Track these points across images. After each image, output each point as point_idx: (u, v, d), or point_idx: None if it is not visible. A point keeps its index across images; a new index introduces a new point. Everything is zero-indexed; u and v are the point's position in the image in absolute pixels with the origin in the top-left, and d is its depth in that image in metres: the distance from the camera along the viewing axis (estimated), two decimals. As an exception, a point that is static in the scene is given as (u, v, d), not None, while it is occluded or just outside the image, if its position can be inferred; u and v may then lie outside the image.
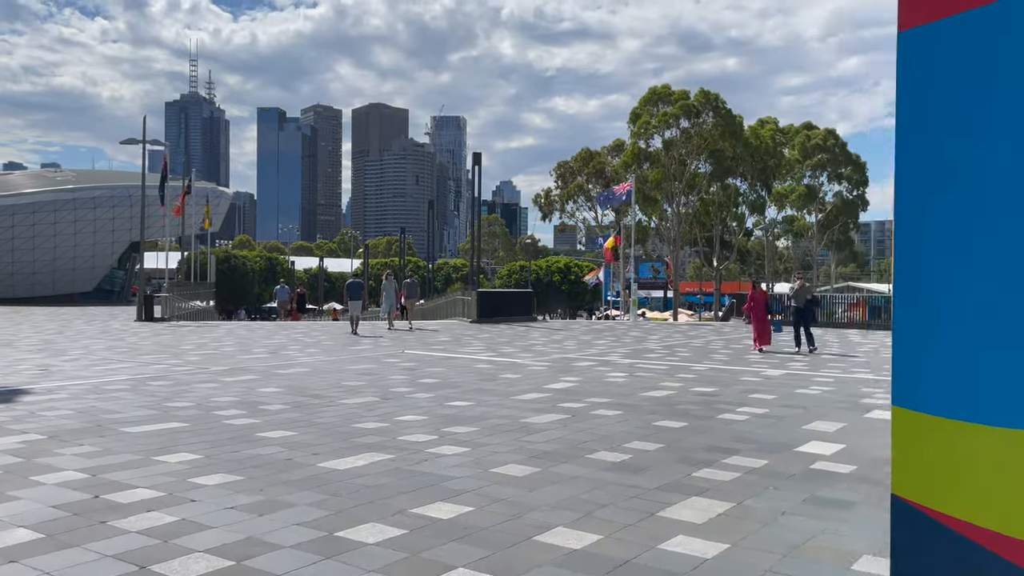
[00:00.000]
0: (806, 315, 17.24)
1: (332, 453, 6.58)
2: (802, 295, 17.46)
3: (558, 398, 9.94)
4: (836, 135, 76.86)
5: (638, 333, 24.19)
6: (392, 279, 24.16)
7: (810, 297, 17.74)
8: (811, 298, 17.80)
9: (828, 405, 9.59)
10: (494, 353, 16.26)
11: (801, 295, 17.46)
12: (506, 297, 29.82)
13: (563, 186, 67.48)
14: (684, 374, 12.85)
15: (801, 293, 17.51)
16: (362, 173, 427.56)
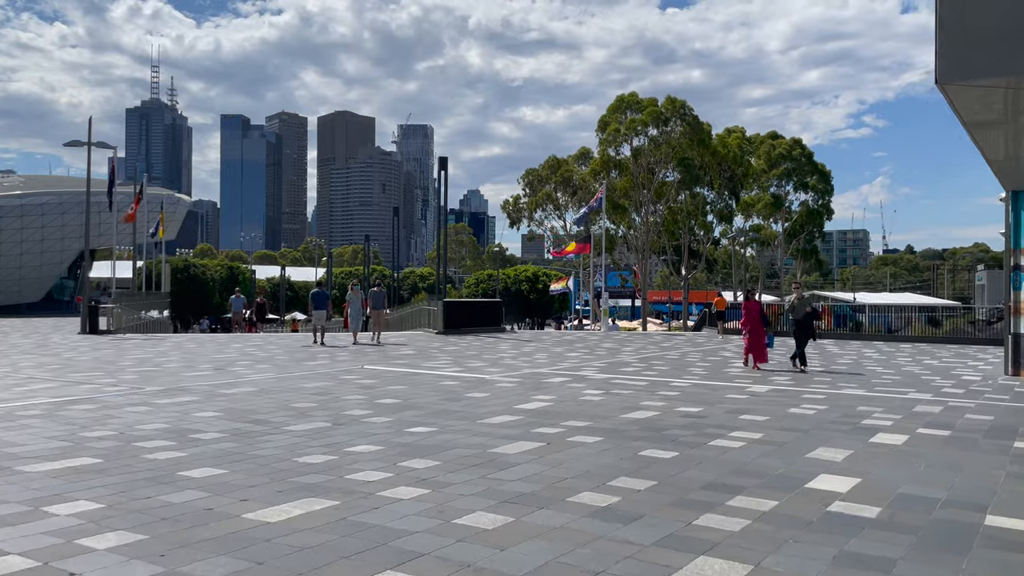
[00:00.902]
0: (806, 330, 15.56)
1: (264, 499, 5.50)
2: (801, 307, 15.73)
3: (531, 421, 8.94)
4: (802, 144, 77.20)
5: (611, 344, 23.31)
6: (359, 289, 22.76)
7: (810, 309, 15.91)
8: (811, 310, 15.97)
9: (827, 427, 8.71)
10: (461, 368, 15.21)
11: (800, 307, 15.74)
12: (473, 307, 28.79)
13: (531, 194, 66.67)
14: (665, 391, 11.94)
15: (800, 305, 15.79)
16: (328, 181, 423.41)
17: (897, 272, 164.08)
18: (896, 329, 32.39)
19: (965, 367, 16.93)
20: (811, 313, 15.87)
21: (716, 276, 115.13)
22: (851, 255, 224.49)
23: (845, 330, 32.85)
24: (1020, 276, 14.69)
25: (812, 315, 15.95)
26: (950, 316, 41.18)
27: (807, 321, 15.60)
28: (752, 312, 15.87)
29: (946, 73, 7.43)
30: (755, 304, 16.15)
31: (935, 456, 7.25)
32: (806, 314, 15.61)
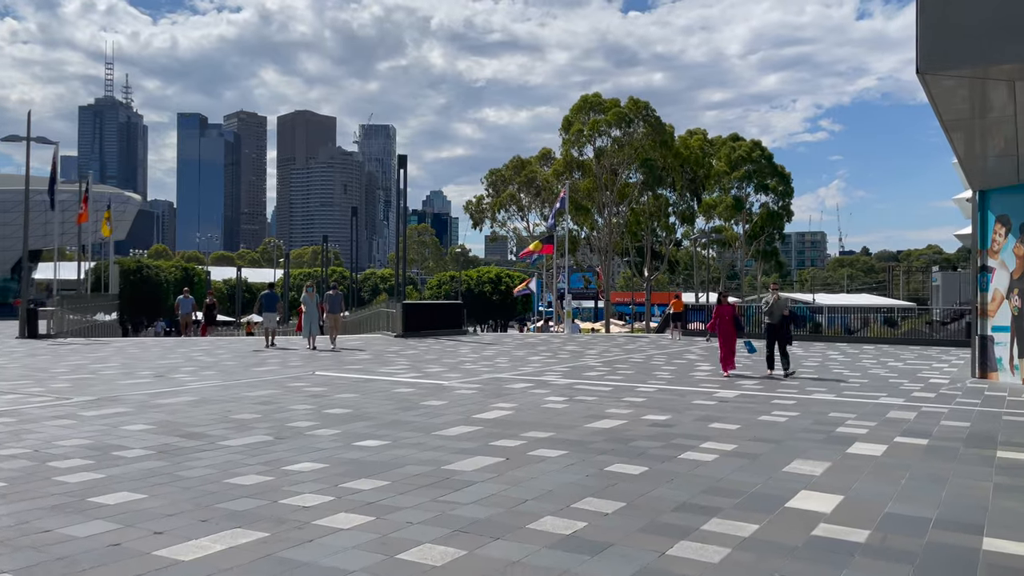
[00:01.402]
0: (781, 333, 14.78)
1: (182, 531, 4.83)
2: (777, 310, 14.86)
3: (490, 432, 8.35)
4: (762, 147, 77.86)
5: (574, 347, 22.83)
6: (314, 291, 21.84)
7: (786, 312, 14.97)
8: (787, 313, 15.00)
9: (802, 437, 8.27)
10: (418, 373, 14.56)
11: (776, 310, 14.87)
12: (434, 309, 28.09)
13: (494, 194, 66.10)
14: (631, 397, 11.44)
15: (776, 307, 14.91)
16: (288, 181, 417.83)
17: (854, 273, 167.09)
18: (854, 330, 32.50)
19: (931, 369, 16.77)
20: (787, 317, 15.02)
21: (678, 277, 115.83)
22: (809, 257, 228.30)
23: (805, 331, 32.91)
24: (987, 277, 14.52)
25: (788, 319, 15.05)
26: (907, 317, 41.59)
27: (782, 324, 14.82)
28: (724, 316, 14.95)
29: (927, 62, 7.04)
30: (728, 308, 15.19)
31: (917, 468, 6.83)
32: (782, 317, 14.81)
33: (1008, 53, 6.82)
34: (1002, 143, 10.58)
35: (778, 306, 14.92)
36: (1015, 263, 13.78)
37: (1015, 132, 9.34)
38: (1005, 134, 9.53)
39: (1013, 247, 13.84)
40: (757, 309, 15.03)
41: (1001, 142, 10.43)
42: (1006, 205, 14.05)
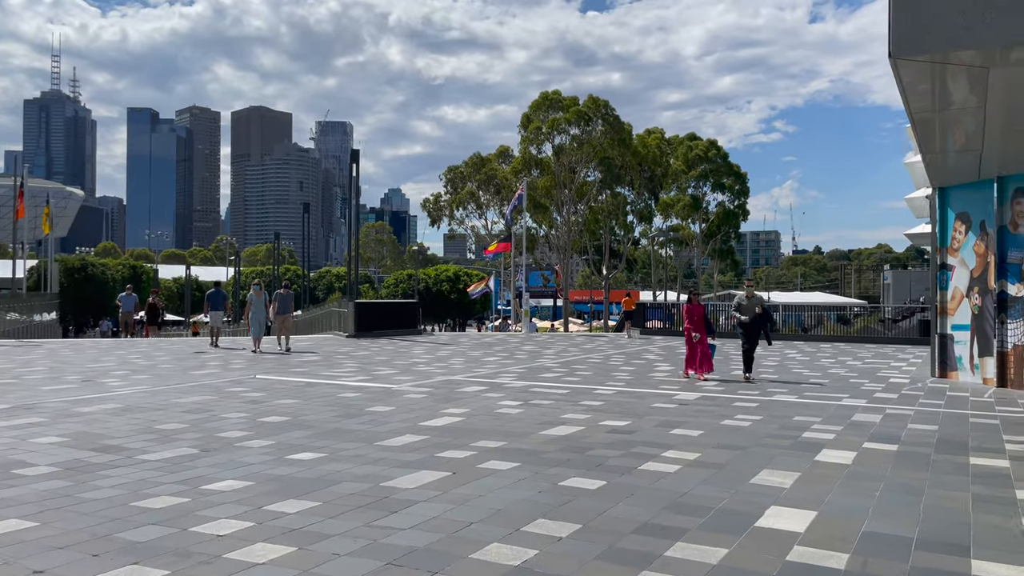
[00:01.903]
0: (754, 333, 13.85)
1: (67, 569, 4.14)
2: (751, 307, 13.92)
3: (437, 442, 7.75)
4: (718, 146, 78.48)
5: (531, 347, 22.31)
6: (262, 290, 20.68)
7: (760, 310, 13.93)
8: (761, 311, 13.96)
9: (767, 443, 7.83)
10: (367, 376, 13.88)
11: (750, 307, 13.93)
12: (388, 308, 27.31)
13: (453, 192, 65.33)
14: (588, 400, 10.93)
15: (750, 305, 13.95)
16: (242, 178, 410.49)
17: (807, 272, 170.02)
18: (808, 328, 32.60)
19: (889, 368, 16.61)
20: (762, 315, 14.04)
21: (636, 276, 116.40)
22: (763, 255, 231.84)
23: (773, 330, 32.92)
24: (947, 275, 14.36)
25: (763, 317, 14.06)
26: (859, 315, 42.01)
27: (756, 323, 13.91)
28: (695, 316, 14.01)
29: (899, 46, 6.63)
30: (699, 307, 14.19)
31: (891, 478, 6.42)
32: (755, 315, 13.90)
33: (982, 37, 6.45)
34: (964, 137, 10.32)
35: (751, 303, 14.06)
36: (975, 261, 13.63)
37: (982, 124, 9.05)
38: (971, 127, 9.24)
39: (973, 245, 13.69)
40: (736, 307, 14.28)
41: (963, 137, 10.16)
42: (966, 202, 13.89)
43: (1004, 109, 8.34)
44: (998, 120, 8.81)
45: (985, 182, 13.26)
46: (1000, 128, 9.35)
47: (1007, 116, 8.67)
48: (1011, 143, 10.51)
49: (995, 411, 10.28)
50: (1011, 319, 12.79)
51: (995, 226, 13.01)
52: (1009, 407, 10.68)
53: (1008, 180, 12.85)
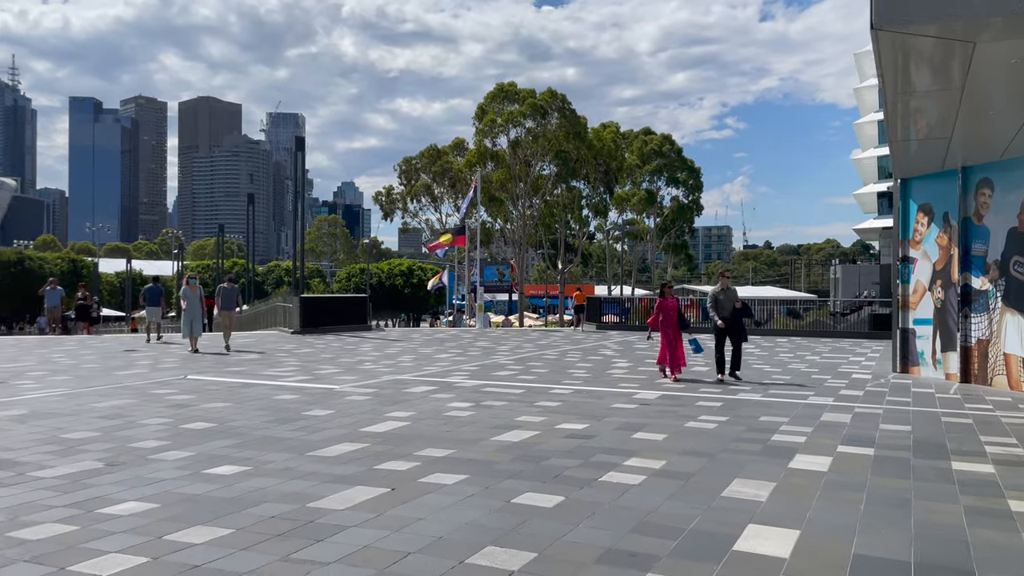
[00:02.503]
0: (735, 329, 12.75)
1: None
2: (728, 302, 12.78)
3: (378, 452, 7.00)
4: (672, 141, 78.75)
5: (485, 343, 21.61)
6: (196, 284, 19.33)
7: (738, 304, 12.77)
8: (739, 306, 12.78)
9: (736, 448, 7.26)
10: (308, 376, 13.01)
11: (727, 302, 12.79)
12: (336, 303, 26.30)
13: (407, 184, 64.15)
14: (544, 400, 10.27)
15: (727, 300, 12.80)
16: (190, 170, 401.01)
17: (758, 266, 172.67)
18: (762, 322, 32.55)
19: (849, 363, 16.31)
20: (741, 309, 12.78)
21: (591, 270, 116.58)
22: (715, 250, 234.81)
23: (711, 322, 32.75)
24: (908, 268, 14.06)
25: (742, 312, 12.81)
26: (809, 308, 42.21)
27: (735, 319, 12.73)
28: (667, 310, 12.79)
29: (882, 16, 6.07)
30: (671, 301, 12.95)
31: (873, 488, 5.87)
32: (734, 310, 12.71)
33: (972, 5, 5.93)
34: (937, 123, 9.91)
35: (728, 298, 12.85)
36: (938, 253, 13.33)
37: (956, 108, 8.62)
38: (945, 111, 8.81)
39: (936, 237, 13.39)
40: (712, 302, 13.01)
41: (936, 122, 9.75)
42: (929, 193, 13.59)
43: (982, 91, 7.90)
44: (974, 103, 8.38)
45: (949, 173, 12.95)
46: (974, 113, 8.93)
47: (983, 99, 8.25)
48: (981, 130, 10.14)
49: (965, 409, 9.91)
50: (975, 313, 12.50)
51: (959, 218, 12.71)
52: (978, 404, 10.33)
53: (972, 171, 12.55)
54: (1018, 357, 11.60)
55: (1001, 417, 9.24)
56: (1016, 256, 11.66)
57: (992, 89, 7.90)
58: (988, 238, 12.25)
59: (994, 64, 7.07)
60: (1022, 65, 6.97)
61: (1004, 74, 7.35)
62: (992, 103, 8.50)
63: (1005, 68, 7.15)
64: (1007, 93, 8.02)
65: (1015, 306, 11.68)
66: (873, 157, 78.83)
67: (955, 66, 7.07)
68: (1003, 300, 11.93)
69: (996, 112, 9.22)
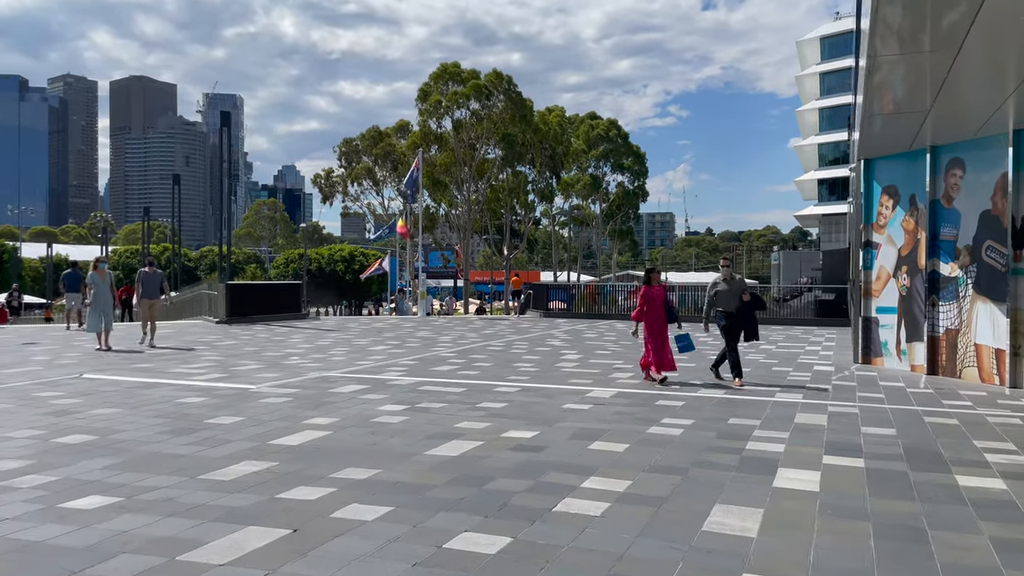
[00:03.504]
0: (744, 324, 10.77)
1: None
2: (733, 293, 10.80)
3: (286, 474, 5.79)
4: (618, 126, 78.25)
5: (426, 333, 20.39)
6: (105, 269, 16.97)
7: (747, 296, 10.79)
8: (748, 298, 10.79)
9: (710, 461, 6.26)
10: (224, 373, 11.64)
11: (732, 293, 10.80)
12: (266, 290, 24.69)
13: (348, 167, 62.06)
14: (488, 401, 9.16)
15: (732, 290, 10.84)
16: (123, 152, 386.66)
17: (700, 253, 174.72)
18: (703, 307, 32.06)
19: (806, 353, 15.62)
20: (751, 302, 10.79)
21: (537, 256, 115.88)
22: (659, 237, 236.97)
23: None
24: (872, 254, 13.34)
25: (752, 304, 10.80)
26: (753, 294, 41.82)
27: (745, 314, 10.78)
28: (653, 301, 10.86)
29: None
30: (657, 290, 11.00)
31: (878, 514, 4.92)
32: (741, 303, 10.74)
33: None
34: (914, 93, 9.08)
35: (732, 289, 10.83)
36: (904, 238, 12.63)
37: (945, 74, 7.75)
38: (934, 76, 7.94)
39: (902, 220, 12.68)
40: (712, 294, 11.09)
41: (916, 90, 8.90)
42: (894, 175, 12.87)
43: (977, 53, 7.03)
44: (964, 68, 7.52)
45: (916, 152, 12.23)
46: (959, 81, 8.09)
47: (977, 63, 7.39)
48: (959, 103, 9.35)
49: (944, 407, 9.14)
50: (943, 301, 11.83)
51: (927, 200, 12.01)
52: (955, 401, 9.60)
53: (942, 150, 11.84)
54: (990, 348, 10.95)
55: (986, 416, 8.49)
56: (989, 241, 10.99)
57: (989, 51, 7.04)
58: (959, 222, 11.56)
59: (1001, 19, 6.18)
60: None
61: (1008, 32, 6.48)
62: (986, 69, 7.66)
63: (1012, 25, 6.27)
64: (1005, 55, 7.17)
65: (987, 294, 11.02)
66: (814, 144, 79.88)
67: (957, 19, 6.15)
68: (974, 287, 11.27)
69: (981, 82, 8.41)
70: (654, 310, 10.88)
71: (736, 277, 11.06)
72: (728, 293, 10.90)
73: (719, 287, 11.01)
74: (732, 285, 10.94)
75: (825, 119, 78.45)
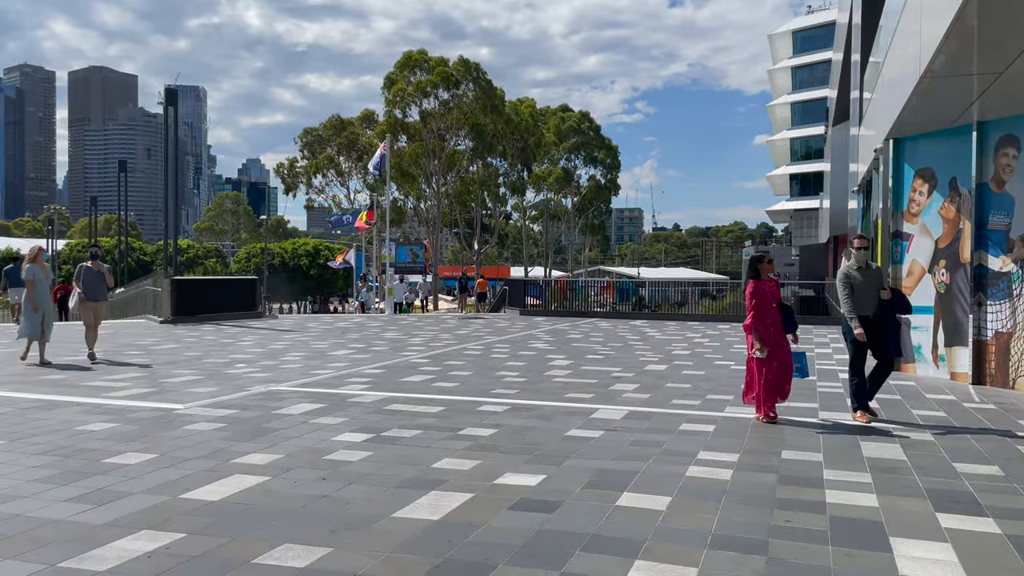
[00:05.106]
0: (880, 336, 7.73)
1: None
2: (868, 288, 7.69)
3: (191, 559, 3.95)
4: (590, 118, 76.84)
5: (395, 334, 18.49)
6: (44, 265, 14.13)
7: (887, 294, 7.78)
8: (889, 295, 7.78)
9: (791, 528, 4.54)
10: (150, 387, 9.67)
11: (867, 288, 7.68)
12: (218, 287, 22.54)
13: (311, 156, 59.60)
14: (472, 425, 7.37)
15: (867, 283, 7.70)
16: (82, 144, 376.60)
17: (668, 248, 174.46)
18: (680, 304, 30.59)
19: (820, 358, 14.04)
20: (893, 302, 7.82)
21: (507, 251, 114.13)
22: (627, 232, 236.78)
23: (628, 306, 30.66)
24: (902, 246, 11.78)
25: (896, 306, 7.85)
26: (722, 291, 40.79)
27: (884, 318, 7.77)
28: (764, 298, 7.59)
29: None
30: (770, 286, 7.69)
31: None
32: (880, 303, 7.75)
33: None
34: (992, 42, 7.48)
35: (868, 282, 7.72)
36: (942, 228, 11.06)
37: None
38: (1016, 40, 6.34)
39: (940, 208, 11.12)
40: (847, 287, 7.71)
41: (998, 36, 7.28)
42: (930, 156, 11.30)
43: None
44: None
45: (959, 130, 10.67)
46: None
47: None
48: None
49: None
50: (992, 300, 10.29)
51: (972, 184, 10.45)
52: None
53: (990, 126, 10.29)
54: (1053, 355, 9.42)
55: (1090, 443, 6.90)
56: (1052, 230, 9.45)
57: None
58: (1012, 208, 10.02)
59: None
60: None
61: None
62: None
63: None
64: None
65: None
66: (786, 139, 79.12)
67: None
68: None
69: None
70: (766, 315, 7.61)
71: (872, 265, 7.87)
72: (865, 287, 7.71)
73: (853, 278, 7.73)
74: (868, 276, 7.76)
75: (797, 113, 77.79)
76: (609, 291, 32.30)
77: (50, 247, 74.85)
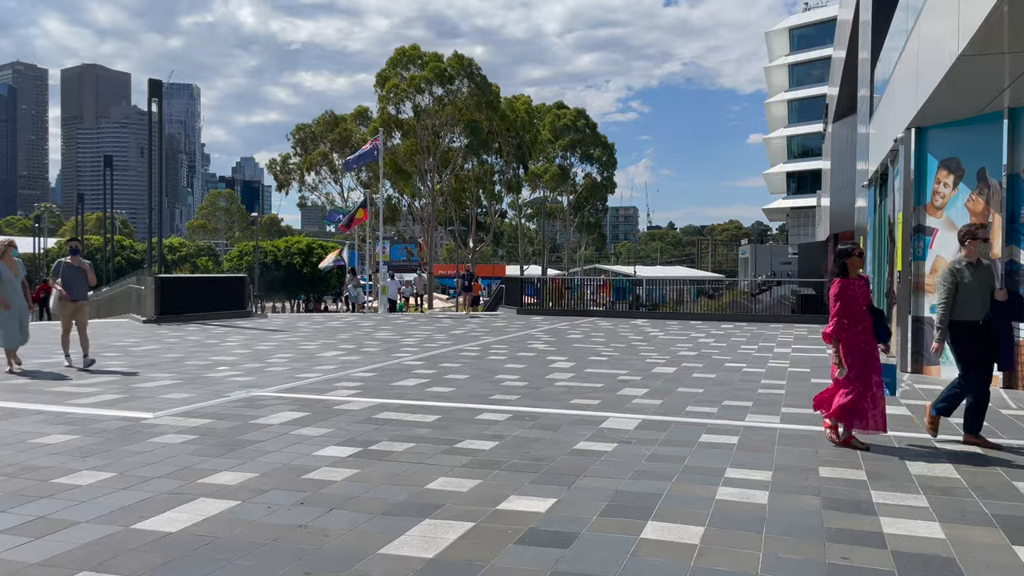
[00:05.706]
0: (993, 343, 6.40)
1: None
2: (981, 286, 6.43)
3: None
4: (586, 116, 76.15)
5: (387, 334, 17.77)
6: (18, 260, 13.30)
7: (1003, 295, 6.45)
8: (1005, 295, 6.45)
9: (850, 567, 3.85)
10: (121, 393, 8.94)
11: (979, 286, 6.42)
12: (205, 285, 21.78)
13: (304, 153, 58.78)
14: (471, 437, 6.67)
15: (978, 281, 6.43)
16: (75, 142, 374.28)
17: (664, 247, 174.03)
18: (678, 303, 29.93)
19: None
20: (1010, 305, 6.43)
21: (503, 249, 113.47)
22: (623, 231, 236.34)
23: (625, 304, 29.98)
24: (924, 241, 11.12)
25: (1013, 310, 6.42)
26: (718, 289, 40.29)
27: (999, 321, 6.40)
28: (853, 301, 6.30)
29: None
30: (858, 284, 6.35)
31: None
32: (994, 304, 6.43)
33: None
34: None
35: (980, 280, 6.44)
36: (970, 221, 10.38)
37: None
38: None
39: (967, 200, 10.45)
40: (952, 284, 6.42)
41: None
42: (955, 145, 10.63)
43: None
44: None
45: (988, 117, 10.01)
46: None
47: None
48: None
49: (1078, 439, 6.88)
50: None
51: (1004, 175, 9.79)
52: (1079, 429, 7.36)
53: (1022, 113, 9.63)
54: (1095, 357, 8.76)
55: None
56: (1094, 223, 8.79)
57: None
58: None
59: None
60: None
61: None
62: None
63: None
64: None
65: (1091, 290, 8.82)
66: (783, 137, 78.55)
67: None
68: (1070, 282, 9.07)
69: None
70: (856, 320, 6.28)
71: (985, 262, 6.59)
72: (976, 284, 6.42)
73: (962, 275, 6.45)
74: (980, 274, 6.46)
75: (794, 111, 77.24)
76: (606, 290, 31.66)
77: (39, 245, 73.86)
